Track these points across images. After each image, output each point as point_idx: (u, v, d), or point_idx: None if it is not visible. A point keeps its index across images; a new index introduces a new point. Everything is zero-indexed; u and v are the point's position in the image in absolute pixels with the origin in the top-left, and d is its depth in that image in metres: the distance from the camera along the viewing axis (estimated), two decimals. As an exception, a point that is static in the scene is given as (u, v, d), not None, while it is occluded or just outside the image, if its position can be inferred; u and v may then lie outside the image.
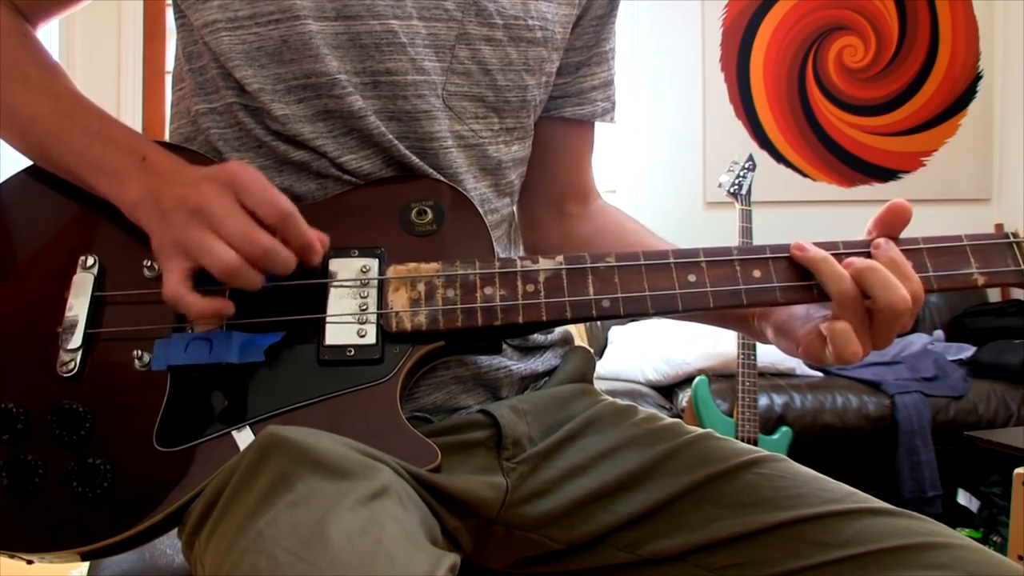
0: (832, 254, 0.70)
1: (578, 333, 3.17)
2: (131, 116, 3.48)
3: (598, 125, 0.96)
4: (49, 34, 0.85)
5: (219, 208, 0.65)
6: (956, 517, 2.79)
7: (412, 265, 0.71)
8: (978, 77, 3.87)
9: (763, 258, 0.71)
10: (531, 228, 0.95)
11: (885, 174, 3.83)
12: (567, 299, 0.70)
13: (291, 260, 0.67)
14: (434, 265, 0.71)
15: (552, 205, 0.94)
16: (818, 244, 0.71)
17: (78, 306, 0.71)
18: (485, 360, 0.79)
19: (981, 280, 0.72)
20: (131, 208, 0.70)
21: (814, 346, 0.71)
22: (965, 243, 0.72)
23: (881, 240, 0.71)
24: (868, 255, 0.71)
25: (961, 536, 0.69)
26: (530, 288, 0.70)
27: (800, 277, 0.71)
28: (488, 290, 0.70)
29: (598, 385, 0.88)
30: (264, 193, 0.66)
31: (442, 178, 0.77)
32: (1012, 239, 0.73)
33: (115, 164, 0.71)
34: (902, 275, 0.68)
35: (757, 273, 0.71)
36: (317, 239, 0.68)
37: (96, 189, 0.73)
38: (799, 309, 0.74)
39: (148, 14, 3.50)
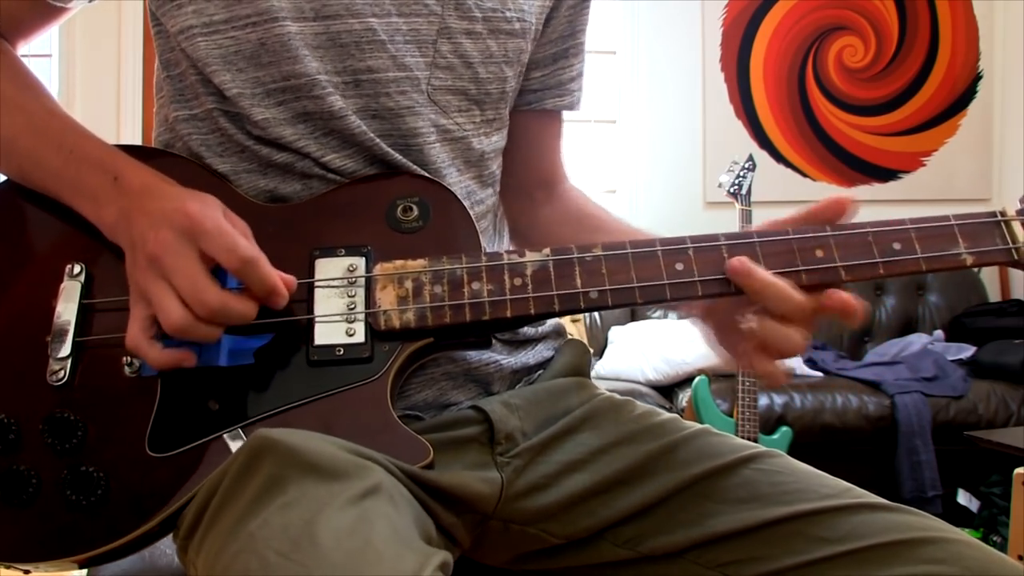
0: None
1: (578, 333, 3.17)
2: (131, 116, 3.48)
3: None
4: (49, 34, 0.86)
5: (171, 260, 0.64)
6: (956, 517, 2.78)
7: (399, 262, 0.71)
8: (978, 77, 3.87)
9: (750, 243, 0.71)
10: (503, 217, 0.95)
11: (885, 174, 3.83)
12: (555, 292, 0.70)
13: (247, 312, 0.65)
14: (421, 262, 0.71)
15: (523, 193, 0.94)
16: (803, 227, 0.71)
17: (66, 314, 0.70)
18: (475, 355, 0.79)
19: (970, 260, 0.71)
20: (110, 230, 0.70)
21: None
22: (953, 223, 0.72)
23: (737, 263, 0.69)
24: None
25: (959, 531, 0.69)
26: (517, 282, 0.70)
27: (789, 263, 0.70)
28: (475, 285, 0.70)
29: (598, 385, 0.88)
30: (223, 239, 0.65)
31: (426, 174, 0.77)
32: (1000, 217, 0.72)
33: (90, 185, 0.71)
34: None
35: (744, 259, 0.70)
36: (282, 282, 0.67)
37: (75, 209, 0.73)
38: (727, 317, 0.73)
39: (148, 14, 3.50)
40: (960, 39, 3.86)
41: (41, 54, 3.37)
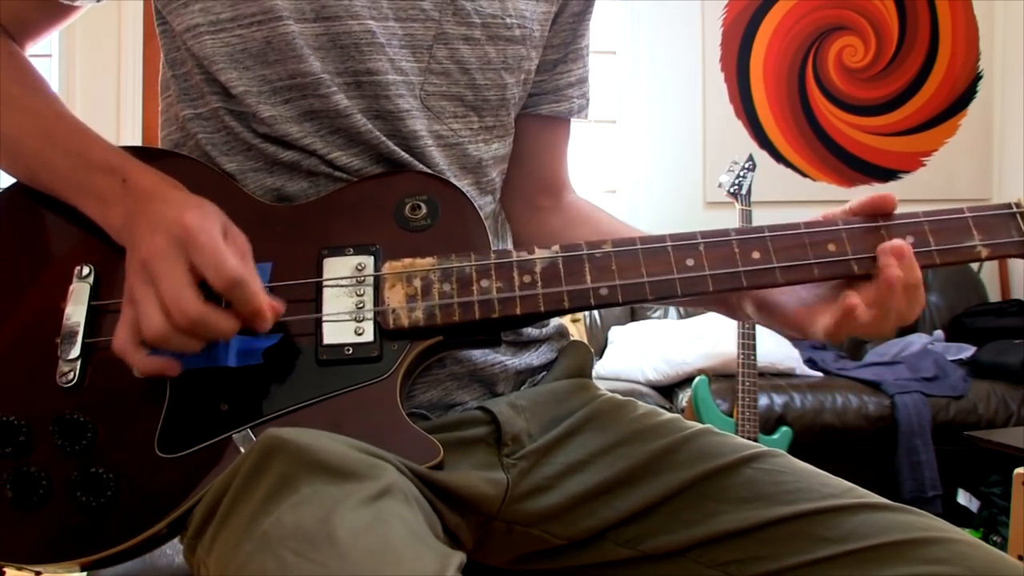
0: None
1: (578, 333, 3.17)
2: (131, 116, 3.48)
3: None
4: (49, 35, 0.86)
5: (159, 267, 0.64)
6: (956, 517, 2.78)
7: (407, 261, 0.71)
8: (978, 77, 3.87)
9: (761, 237, 0.71)
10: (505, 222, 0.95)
11: (885, 174, 3.83)
12: (564, 288, 0.69)
13: (227, 328, 0.65)
14: (429, 260, 0.70)
15: (526, 200, 0.94)
16: (815, 222, 0.72)
17: (75, 316, 0.70)
18: (480, 356, 0.79)
19: (984, 252, 0.71)
20: (116, 232, 0.71)
21: (833, 327, 0.70)
22: (967, 215, 0.71)
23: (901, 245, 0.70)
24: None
25: (960, 531, 0.69)
26: (527, 279, 0.70)
27: (801, 257, 0.70)
28: (484, 283, 0.70)
29: (598, 385, 0.88)
30: (213, 256, 0.64)
31: (433, 171, 0.77)
32: (1016, 209, 0.72)
33: (98, 187, 0.71)
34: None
35: (756, 255, 0.70)
36: (269, 307, 0.66)
37: (83, 211, 0.73)
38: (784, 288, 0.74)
39: (148, 14, 3.50)
40: (960, 39, 3.86)
41: (41, 54, 3.37)
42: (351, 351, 0.69)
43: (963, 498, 2.84)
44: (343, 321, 0.69)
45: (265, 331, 0.67)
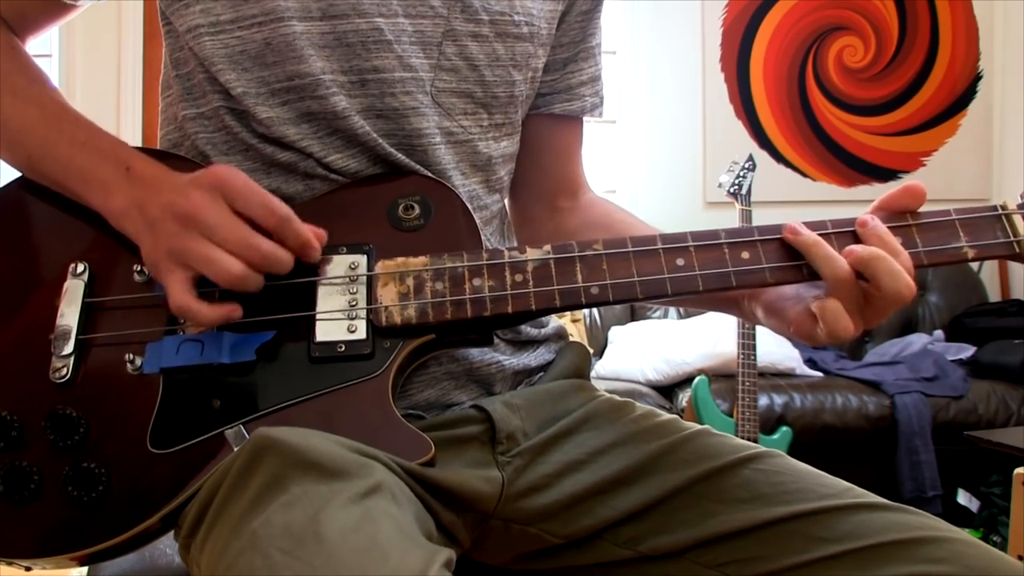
0: (821, 234, 0.70)
1: (578, 333, 3.17)
2: (131, 117, 3.48)
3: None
4: (49, 34, 0.87)
5: (211, 216, 0.65)
6: (956, 517, 2.78)
7: (400, 260, 0.71)
8: (978, 77, 3.87)
9: (751, 240, 0.71)
10: (524, 225, 0.95)
11: (885, 174, 3.83)
12: (556, 287, 0.70)
13: (291, 261, 0.67)
14: (422, 259, 0.71)
15: (544, 201, 0.94)
16: (807, 224, 0.71)
17: (69, 313, 0.71)
18: (477, 355, 0.79)
19: (971, 253, 0.71)
20: (117, 218, 0.71)
21: (805, 324, 0.71)
22: (954, 217, 0.72)
23: (867, 217, 0.71)
24: (854, 233, 0.70)
25: (958, 530, 0.69)
26: (518, 278, 0.70)
27: (790, 258, 0.71)
28: (477, 281, 0.70)
29: (598, 385, 0.88)
30: (257, 197, 0.66)
31: (428, 173, 0.77)
32: (1000, 211, 0.73)
33: (100, 174, 0.72)
34: (891, 250, 0.68)
35: (746, 255, 0.71)
36: (314, 235, 0.68)
37: (83, 199, 0.73)
38: (789, 289, 0.75)
39: (148, 14, 3.50)
40: (960, 39, 3.86)
41: (41, 54, 3.37)
42: (343, 348, 0.69)
43: (963, 498, 2.84)
44: (336, 319, 0.70)
45: (315, 260, 0.69)
